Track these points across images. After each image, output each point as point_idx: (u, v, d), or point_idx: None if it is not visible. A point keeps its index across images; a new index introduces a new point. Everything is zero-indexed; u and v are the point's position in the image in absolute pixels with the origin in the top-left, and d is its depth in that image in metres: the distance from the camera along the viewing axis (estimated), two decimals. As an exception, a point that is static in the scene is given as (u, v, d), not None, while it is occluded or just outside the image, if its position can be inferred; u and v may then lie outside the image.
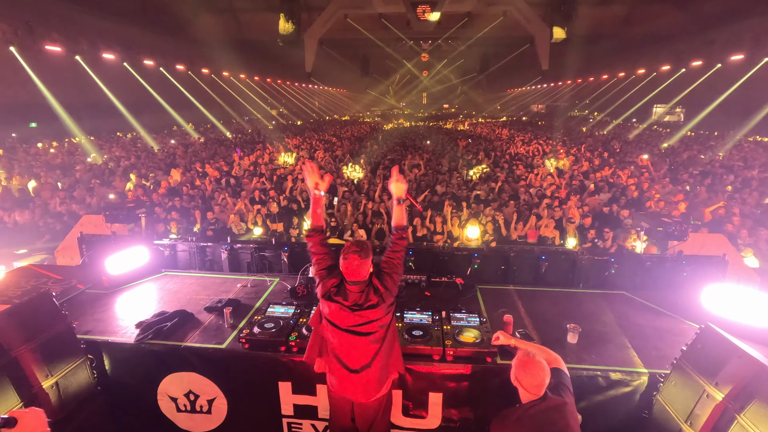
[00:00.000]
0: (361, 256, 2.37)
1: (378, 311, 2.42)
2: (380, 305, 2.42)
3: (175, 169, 12.15)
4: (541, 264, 4.03)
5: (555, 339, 3.10)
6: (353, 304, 2.40)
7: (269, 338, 2.99)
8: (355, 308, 2.40)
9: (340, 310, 2.41)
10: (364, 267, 2.39)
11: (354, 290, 2.40)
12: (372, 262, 2.48)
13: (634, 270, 3.90)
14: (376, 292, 2.42)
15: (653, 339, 3.10)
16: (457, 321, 3.19)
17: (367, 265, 2.41)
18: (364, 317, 2.41)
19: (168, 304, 3.61)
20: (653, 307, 3.53)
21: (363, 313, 2.41)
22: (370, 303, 2.41)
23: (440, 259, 4.14)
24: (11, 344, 2.52)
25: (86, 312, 3.49)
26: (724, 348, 2.27)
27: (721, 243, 4.63)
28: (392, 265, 2.51)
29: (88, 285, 3.92)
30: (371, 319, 2.42)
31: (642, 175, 11.84)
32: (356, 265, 2.36)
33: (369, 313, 2.41)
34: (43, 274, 4.08)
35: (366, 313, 2.41)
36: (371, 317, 2.42)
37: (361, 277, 2.39)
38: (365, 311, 2.41)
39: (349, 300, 2.40)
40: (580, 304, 3.63)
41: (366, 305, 2.40)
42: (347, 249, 2.40)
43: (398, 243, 2.54)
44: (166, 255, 4.37)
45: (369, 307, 2.41)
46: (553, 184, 10.66)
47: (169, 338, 3.12)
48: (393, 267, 2.50)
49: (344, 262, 2.38)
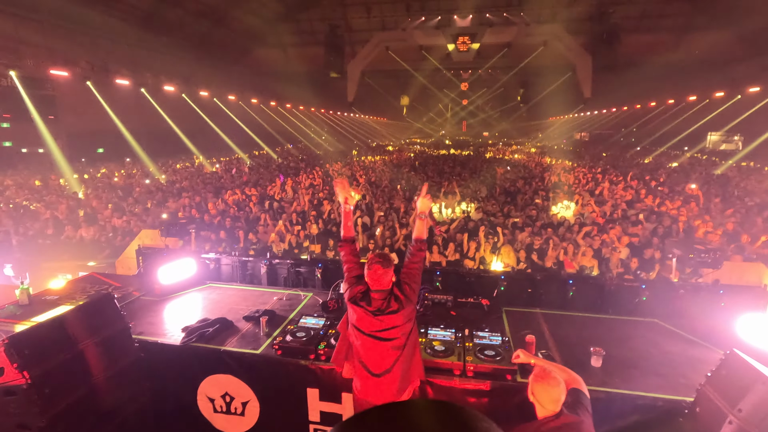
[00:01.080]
0: (383, 266, 2.57)
1: (398, 317, 2.59)
2: (400, 311, 2.59)
3: (225, 192, 12.97)
4: (568, 288, 4.03)
5: (578, 362, 3.10)
6: (376, 310, 2.58)
7: (300, 346, 3.21)
8: (377, 314, 2.58)
9: (365, 315, 2.60)
10: (386, 276, 2.59)
11: (377, 297, 2.59)
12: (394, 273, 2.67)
13: (668, 298, 3.81)
14: (397, 300, 2.60)
15: (683, 367, 3.04)
16: (479, 339, 3.27)
17: (389, 275, 2.61)
18: (385, 323, 2.58)
19: (211, 312, 3.93)
20: (685, 335, 3.44)
21: (384, 318, 2.58)
22: (391, 309, 2.58)
23: (467, 280, 4.23)
24: (79, 337, 2.88)
25: (140, 316, 3.87)
26: (748, 374, 2.23)
27: (762, 273, 4.40)
28: (411, 275, 2.67)
29: (143, 292, 4.33)
30: (393, 325, 2.59)
31: (689, 204, 11.32)
32: (380, 274, 2.56)
33: (390, 318, 2.58)
34: (105, 281, 4.56)
35: (387, 318, 2.58)
36: (392, 323, 2.59)
37: (384, 285, 2.58)
38: (386, 316, 2.58)
39: (372, 306, 2.59)
40: (607, 329, 3.60)
41: (387, 311, 2.58)
42: (371, 260, 2.61)
43: (417, 254, 2.71)
44: (212, 268, 4.75)
45: (390, 312, 2.58)
46: (593, 212, 10.42)
47: (211, 342, 3.40)
48: (411, 276, 2.67)
49: (369, 272, 2.59)
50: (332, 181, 13.15)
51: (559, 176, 16.78)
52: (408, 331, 2.65)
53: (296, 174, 17.52)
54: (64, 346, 2.78)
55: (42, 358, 2.64)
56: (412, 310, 2.67)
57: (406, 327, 2.63)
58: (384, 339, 2.59)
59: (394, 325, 2.59)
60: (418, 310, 3.87)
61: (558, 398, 2.16)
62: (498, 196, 13.01)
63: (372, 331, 2.59)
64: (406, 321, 2.62)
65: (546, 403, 2.17)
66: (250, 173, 18.13)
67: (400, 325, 2.60)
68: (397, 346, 2.61)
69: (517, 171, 18.84)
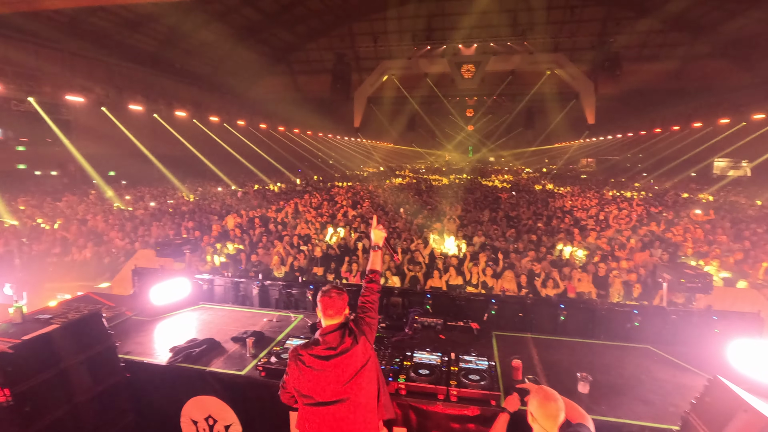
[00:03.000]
0: (338, 294, 2.45)
1: (353, 357, 2.39)
2: (354, 348, 2.39)
3: (230, 215, 13.14)
4: (560, 313, 3.98)
5: (565, 388, 3.03)
6: (327, 348, 2.38)
7: (283, 367, 3.18)
8: (327, 358, 2.37)
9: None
10: (340, 300, 2.44)
11: (330, 333, 2.41)
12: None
13: (660, 323, 3.75)
14: (351, 334, 2.42)
15: (672, 395, 2.96)
16: (465, 363, 3.22)
17: (343, 300, 2.45)
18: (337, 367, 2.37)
19: (200, 333, 3.94)
20: (678, 362, 3.36)
21: (337, 361, 2.37)
22: (344, 347, 2.37)
23: (457, 303, 4.21)
24: (63, 355, 2.91)
25: (130, 335, 3.89)
26: (731, 401, 2.18)
27: (755, 299, 4.30)
28: (364, 309, 2.55)
29: (135, 312, 4.36)
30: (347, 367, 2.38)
31: (695, 231, 11.20)
32: (334, 298, 2.43)
33: (343, 360, 2.38)
34: (99, 301, 4.60)
35: (340, 360, 2.37)
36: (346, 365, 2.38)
37: (337, 311, 2.42)
38: (339, 359, 2.37)
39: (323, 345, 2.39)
40: (598, 355, 3.53)
41: (340, 349, 2.37)
42: (327, 288, 2.49)
43: (368, 285, 2.62)
44: (205, 289, 4.78)
45: (342, 352, 2.37)
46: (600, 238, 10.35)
47: (196, 363, 3.40)
48: (365, 310, 2.54)
49: (323, 298, 2.44)
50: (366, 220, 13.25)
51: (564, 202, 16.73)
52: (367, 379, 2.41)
53: (301, 196, 17.72)
54: (47, 364, 2.81)
55: (24, 376, 2.66)
56: (369, 350, 2.46)
57: (365, 371, 2.39)
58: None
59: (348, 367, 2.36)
60: (406, 332, 3.86)
61: (555, 414, 2.09)
62: (500, 221, 12.99)
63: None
64: (361, 362, 2.39)
65: (543, 420, 2.11)
66: (257, 196, 18.38)
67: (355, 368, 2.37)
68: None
69: (521, 196, 18.85)
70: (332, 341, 2.37)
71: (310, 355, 2.37)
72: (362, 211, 14.06)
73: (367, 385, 2.41)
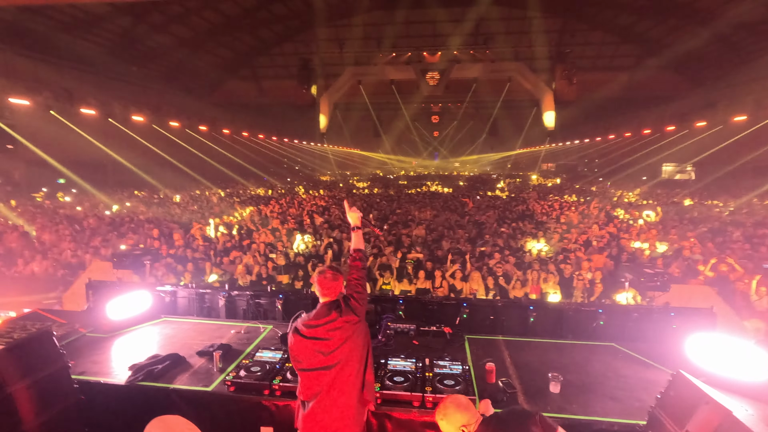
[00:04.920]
0: (334, 276, 2.67)
1: (338, 328, 2.58)
2: (338, 320, 2.58)
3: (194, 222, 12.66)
4: (529, 315, 4.07)
5: (537, 389, 3.10)
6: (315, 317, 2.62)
7: (254, 381, 3.07)
8: (315, 326, 2.60)
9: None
10: (336, 282, 2.67)
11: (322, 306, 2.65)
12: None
13: (623, 322, 3.90)
14: (338, 308, 2.60)
15: (637, 390, 3.07)
16: (439, 368, 3.22)
17: (339, 282, 2.69)
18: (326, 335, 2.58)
19: (163, 348, 3.73)
20: (640, 358, 3.50)
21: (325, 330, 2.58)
22: (330, 318, 2.59)
23: (429, 308, 4.21)
24: (8, 380, 2.66)
25: (84, 354, 3.63)
26: (694, 395, 2.28)
27: (708, 296, 4.60)
28: (351, 285, 2.70)
29: (90, 329, 4.08)
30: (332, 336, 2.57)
31: (649, 232, 11.81)
32: (329, 279, 2.65)
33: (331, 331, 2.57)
34: (49, 318, 4.27)
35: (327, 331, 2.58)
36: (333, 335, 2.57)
37: (332, 292, 2.65)
38: (326, 327, 2.58)
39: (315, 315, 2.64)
40: (567, 355, 3.63)
41: (325, 319, 2.60)
42: (324, 269, 2.72)
43: (353, 264, 2.79)
44: (167, 301, 4.55)
45: (329, 322, 2.58)
46: (562, 240, 10.73)
47: (159, 380, 3.21)
48: (353, 287, 2.69)
49: (320, 278, 2.67)
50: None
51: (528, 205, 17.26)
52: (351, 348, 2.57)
53: (266, 203, 17.34)
54: (-10, 389, 2.56)
55: (-37, 404, 2.41)
56: (357, 324, 2.61)
57: (348, 343, 2.56)
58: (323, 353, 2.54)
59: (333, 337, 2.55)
60: (379, 339, 3.82)
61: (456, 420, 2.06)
62: (467, 225, 13.22)
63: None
64: (347, 334, 2.56)
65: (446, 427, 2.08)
66: (220, 203, 17.82)
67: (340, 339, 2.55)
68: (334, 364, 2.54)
69: (485, 201, 19.29)
70: (322, 314, 2.60)
71: (303, 325, 2.61)
72: (330, 218, 13.92)
73: (351, 354, 2.56)
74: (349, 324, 2.56)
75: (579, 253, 9.24)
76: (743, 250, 9.54)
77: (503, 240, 10.77)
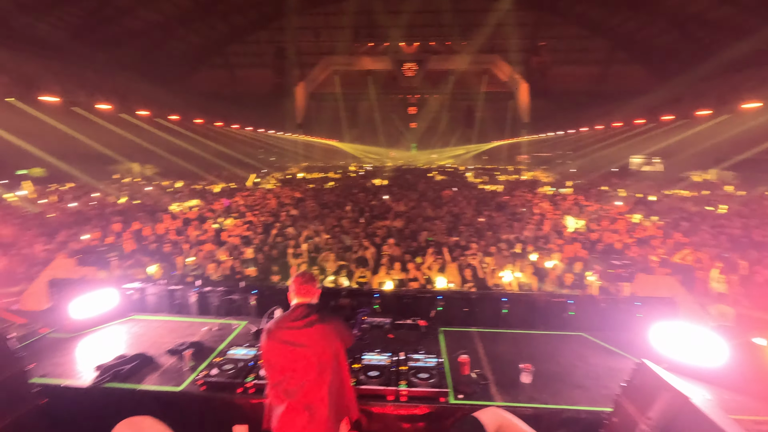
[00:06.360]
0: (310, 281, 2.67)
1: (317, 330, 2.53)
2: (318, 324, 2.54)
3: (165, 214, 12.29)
4: (502, 306, 4.14)
5: (510, 380, 3.16)
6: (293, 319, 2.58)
7: (226, 380, 3.02)
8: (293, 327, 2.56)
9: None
10: (313, 289, 2.67)
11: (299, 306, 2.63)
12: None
13: (591, 311, 4.02)
14: (318, 312, 2.58)
15: (605, 378, 3.18)
16: (414, 362, 3.24)
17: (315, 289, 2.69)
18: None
19: (131, 348, 3.62)
20: (608, 347, 3.62)
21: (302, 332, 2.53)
22: (309, 320, 2.53)
23: (404, 302, 4.23)
24: (-40, 386, 2.52)
25: (46, 356, 3.48)
26: (655, 383, 2.37)
27: (672, 286, 4.81)
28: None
29: (53, 329, 3.91)
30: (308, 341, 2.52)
31: (617, 221, 12.21)
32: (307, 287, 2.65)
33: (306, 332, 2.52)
34: (7, 318, 4.07)
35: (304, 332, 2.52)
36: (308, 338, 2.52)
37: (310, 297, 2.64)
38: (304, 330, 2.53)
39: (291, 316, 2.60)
40: (538, 345, 3.72)
41: (305, 322, 2.55)
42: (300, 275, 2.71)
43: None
44: (135, 299, 4.40)
45: (307, 325, 2.52)
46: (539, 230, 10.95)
47: (126, 381, 3.12)
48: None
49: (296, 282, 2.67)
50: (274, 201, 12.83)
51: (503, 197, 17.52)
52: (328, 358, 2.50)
53: (231, 196, 16.99)
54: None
55: None
56: (334, 329, 2.55)
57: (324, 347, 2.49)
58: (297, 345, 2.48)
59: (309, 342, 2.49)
60: (355, 334, 3.80)
61: None
62: (444, 217, 13.32)
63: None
64: (322, 338, 2.50)
65: None
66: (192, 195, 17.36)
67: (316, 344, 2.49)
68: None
69: (461, 193, 19.44)
70: (298, 315, 2.53)
71: (276, 327, 2.51)
72: (306, 210, 13.77)
73: (326, 359, 2.47)
74: (326, 327, 2.51)
75: (551, 245, 9.46)
76: (704, 240, 10.00)
77: (479, 231, 10.91)
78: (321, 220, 12.06)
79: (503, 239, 10.11)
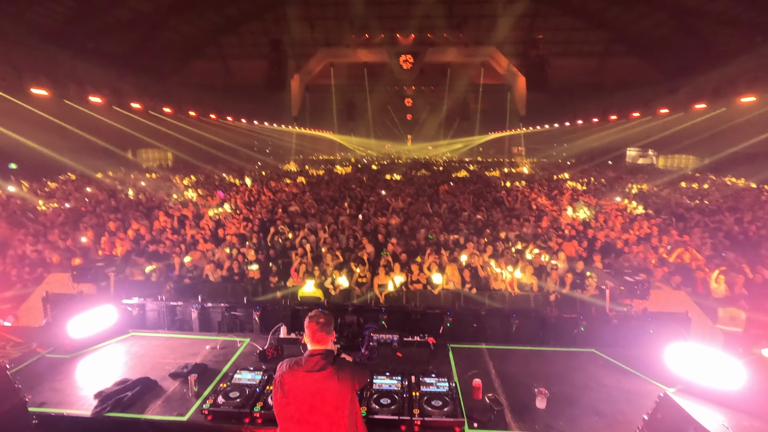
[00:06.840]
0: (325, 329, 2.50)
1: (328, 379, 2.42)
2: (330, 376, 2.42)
3: (161, 212, 12.10)
4: (512, 322, 4.07)
5: (523, 404, 3.09)
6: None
7: (233, 409, 2.91)
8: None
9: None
10: (328, 335, 2.51)
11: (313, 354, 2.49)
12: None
13: (602, 327, 3.97)
14: (334, 363, 2.46)
15: (620, 402, 3.12)
16: (426, 386, 3.16)
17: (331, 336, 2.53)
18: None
19: (132, 370, 3.50)
20: (621, 366, 3.56)
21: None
22: (320, 368, 2.43)
23: (412, 318, 4.15)
24: (-44, 425, 2.40)
25: (44, 380, 3.35)
26: (680, 419, 2.30)
27: (684, 301, 4.77)
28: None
29: (49, 349, 3.78)
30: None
31: (616, 218, 12.19)
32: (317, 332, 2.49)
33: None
34: (3, 336, 3.94)
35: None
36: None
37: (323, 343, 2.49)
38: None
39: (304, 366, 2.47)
40: (550, 363, 3.65)
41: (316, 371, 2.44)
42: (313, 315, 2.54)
43: None
44: (135, 314, 4.28)
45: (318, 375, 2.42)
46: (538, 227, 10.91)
47: (129, 410, 3.00)
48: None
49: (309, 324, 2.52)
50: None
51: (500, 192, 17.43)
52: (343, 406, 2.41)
53: (237, 191, 16.78)
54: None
55: None
56: (348, 391, 2.43)
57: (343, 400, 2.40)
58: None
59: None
60: (362, 353, 3.72)
61: None
62: (443, 214, 13.22)
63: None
64: (334, 396, 2.39)
65: None
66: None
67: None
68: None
69: (459, 188, 19.31)
70: (313, 365, 2.42)
71: (293, 379, 2.41)
72: (305, 206, 13.61)
73: (339, 407, 2.39)
74: (341, 375, 2.41)
75: (551, 243, 9.42)
76: (702, 238, 10.00)
77: (478, 229, 10.85)
78: (319, 217, 11.93)
79: (502, 237, 10.06)
